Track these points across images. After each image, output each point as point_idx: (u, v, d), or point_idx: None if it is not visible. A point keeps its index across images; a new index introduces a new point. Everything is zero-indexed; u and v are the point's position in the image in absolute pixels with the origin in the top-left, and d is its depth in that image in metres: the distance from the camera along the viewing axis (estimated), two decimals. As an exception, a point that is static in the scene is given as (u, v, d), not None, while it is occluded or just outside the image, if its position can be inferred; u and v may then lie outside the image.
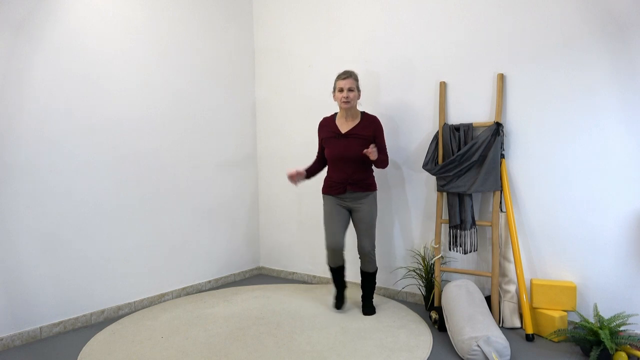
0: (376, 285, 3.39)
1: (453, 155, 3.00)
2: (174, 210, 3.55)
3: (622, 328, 2.46)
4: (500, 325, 2.81)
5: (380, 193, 3.51)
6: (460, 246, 3.01)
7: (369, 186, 2.99)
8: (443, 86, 3.13)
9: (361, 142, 2.93)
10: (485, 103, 3.00)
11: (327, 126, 3.05)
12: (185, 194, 3.64)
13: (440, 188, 3.07)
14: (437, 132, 3.13)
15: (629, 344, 2.28)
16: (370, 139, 2.96)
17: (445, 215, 3.19)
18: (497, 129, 2.84)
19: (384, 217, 3.49)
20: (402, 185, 3.39)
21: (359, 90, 2.98)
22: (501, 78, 2.90)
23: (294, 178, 2.98)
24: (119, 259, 3.20)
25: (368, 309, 3.04)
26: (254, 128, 4.30)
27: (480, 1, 2.99)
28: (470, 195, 2.95)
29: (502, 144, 2.86)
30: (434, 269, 3.13)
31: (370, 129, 2.97)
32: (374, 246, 3.02)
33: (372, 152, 2.76)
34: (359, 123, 2.98)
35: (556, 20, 2.71)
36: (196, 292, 3.71)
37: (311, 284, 3.91)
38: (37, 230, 2.77)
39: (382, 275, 3.53)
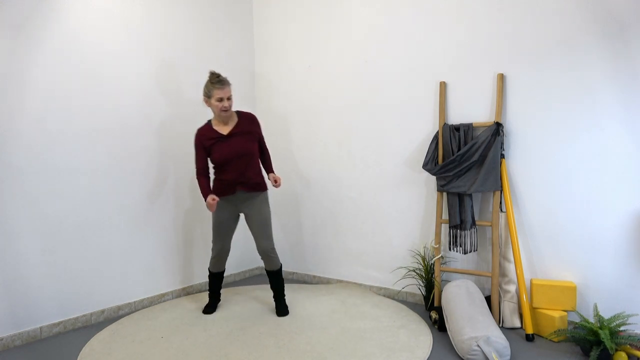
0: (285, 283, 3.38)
1: (453, 155, 3.00)
2: (173, 210, 3.55)
3: (622, 328, 2.46)
4: (500, 325, 2.81)
5: (380, 193, 3.51)
6: (460, 246, 3.01)
7: (260, 185, 3.00)
8: (443, 86, 3.13)
9: (246, 138, 2.94)
10: (485, 103, 3.00)
11: (206, 134, 2.94)
12: (185, 194, 3.64)
13: (440, 188, 3.07)
14: (437, 132, 3.13)
15: (629, 344, 2.28)
16: (255, 135, 2.99)
17: (445, 215, 3.19)
18: (497, 129, 2.84)
19: (384, 217, 3.49)
20: (402, 185, 3.39)
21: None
22: (501, 78, 2.90)
23: (213, 206, 2.86)
24: (119, 259, 3.20)
25: (283, 309, 3.04)
26: (254, 128, 4.30)
27: (480, 1, 2.99)
28: (470, 195, 2.95)
29: (502, 144, 2.86)
30: (434, 269, 3.13)
31: (252, 126, 2.99)
32: (272, 243, 3.02)
33: (279, 180, 2.96)
34: (238, 122, 2.97)
35: (556, 20, 2.71)
36: (196, 292, 3.71)
37: (311, 284, 3.91)
38: (37, 230, 2.77)
39: (382, 276, 3.54)
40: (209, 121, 3.02)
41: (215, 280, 3.17)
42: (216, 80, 2.85)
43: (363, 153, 3.59)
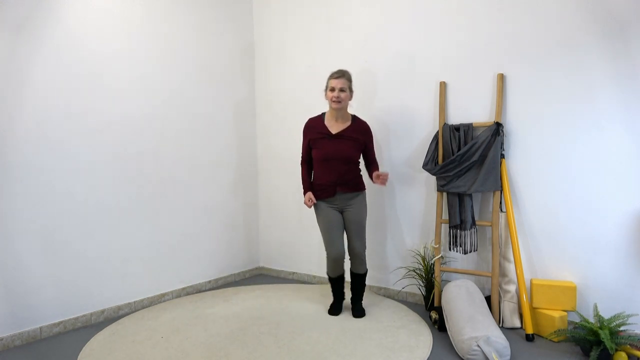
0: (366, 286, 3.35)
1: (453, 155, 3.00)
2: (173, 210, 3.55)
3: (622, 328, 2.46)
4: (500, 325, 2.81)
5: (380, 193, 3.51)
6: (460, 246, 3.00)
7: (358, 185, 2.95)
8: (443, 86, 3.13)
9: (352, 144, 2.89)
10: (485, 103, 3.00)
11: (315, 127, 2.94)
12: (185, 194, 3.64)
13: (440, 188, 3.07)
14: (437, 132, 3.13)
15: (629, 344, 2.28)
16: (362, 143, 2.93)
17: (445, 215, 3.19)
18: (497, 129, 2.84)
19: (384, 217, 3.49)
20: (402, 185, 3.39)
21: (351, 91, 2.90)
22: (501, 78, 2.90)
23: (310, 203, 2.92)
24: (119, 259, 3.19)
25: (359, 311, 3.00)
26: (254, 128, 4.30)
27: (480, 1, 2.99)
28: (470, 195, 2.95)
29: (502, 144, 2.86)
30: (434, 269, 3.13)
31: (362, 134, 2.93)
32: (365, 247, 3.00)
33: (384, 176, 2.80)
34: (350, 125, 2.92)
35: (556, 21, 2.71)
36: (196, 292, 3.71)
37: (311, 284, 3.91)
38: (37, 230, 2.77)
39: (382, 276, 3.53)
40: (323, 114, 2.99)
41: (335, 284, 3.05)
42: (334, 72, 2.88)
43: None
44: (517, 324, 2.77)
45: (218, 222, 3.92)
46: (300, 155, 2.97)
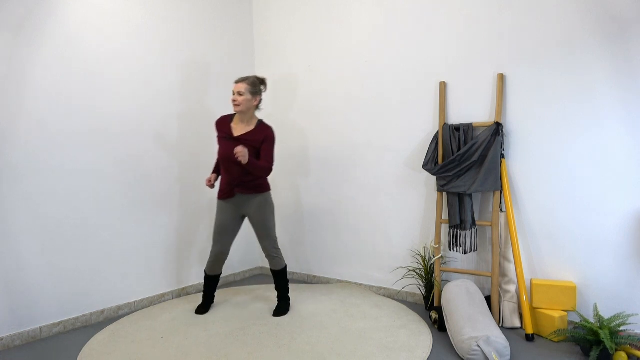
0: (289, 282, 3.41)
1: (453, 155, 3.00)
2: (174, 210, 3.55)
3: (622, 328, 2.46)
4: (500, 325, 2.81)
5: (380, 193, 3.51)
6: (460, 246, 3.01)
7: (258, 187, 2.98)
8: (443, 86, 3.13)
9: (250, 149, 2.91)
10: (485, 103, 3.00)
11: (221, 125, 3.00)
12: (185, 194, 3.64)
13: (440, 188, 3.07)
14: (437, 132, 3.13)
15: (629, 344, 2.28)
16: (259, 146, 2.93)
17: (445, 215, 3.19)
18: (497, 129, 2.84)
19: (384, 217, 3.49)
20: (402, 185, 3.39)
21: (253, 96, 2.90)
22: (501, 78, 2.90)
23: (211, 182, 3.01)
24: (119, 259, 3.20)
25: (283, 309, 3.05)
26: (254, 128, 4.30)
27: (480, 1, 2.99)
28: (470, 195, 2.95)
29: (502, 144, 2.86)
30: (434, 269, 3.13)
31: (261, 136, 2.92)
32: (275, 245, 3.03)
33: (240, 152, 2.64)
34: (252, 130, 2.95)
35: (556, 20, 2.71)
36: (196, 292, 3.71)
37: (311, 284, 3.91)
38: (37, 230, 2.77)
39: (382, 276, 3.54)
40: (234, 114, 3.04)
41: (210, 283, 3.15)
42: (238, 77, 2.93)
43: (363, 153, 3.59)
44: (517, 324, 2.77)
45: (218, 222, 3.92)
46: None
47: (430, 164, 3.09)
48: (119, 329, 2.87)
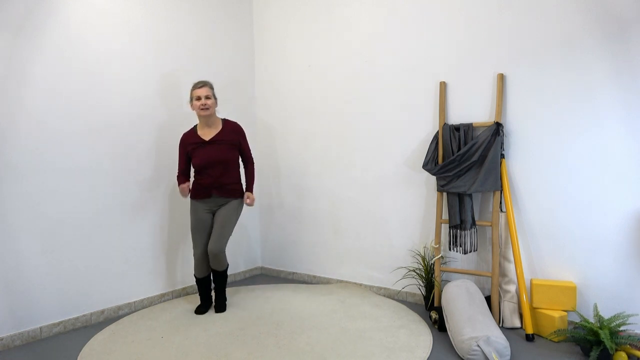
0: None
1: (453, 155, 3.00)
2: (173, 209, 3.55)
3: (622, 328, 2.46)
4: (500, 325, 2.81)
5: (380, 193, 3.51)
6: (460, 246, 3.01)
7: (234, 192, 3.09)
8: (443, 86, 3.13)
9: (226, 146, 3.04)
10: (485, 103, 3.00)
11: (189, 139, 3.07)
12: (185, 194, 3.64)
13: (440, 188, 3.07)
14: (437, 132, 3.13)
15: (629, 344, 2.28)
16: (236, 143, 3.08)
17: (445, 215, 3.19)
18: (497, 129, 2.84)
19: (384, 217, 3.49)
20: (402, 185, 3.39)
21: (215, 98, 3.04)
22: (501, 78, 2.90)
23: (185, 191, 3.04)
24: (119, 259, 3.19)
25: (221, 306, 3.13)
26: (254, 128, 4.30)
27: (480, 1, 2.99)
28: (470, 195, 2.95)
29: (502, 144, 2.86)
30: (434, 269, 3.13)
31: (234, 134, 3.09)
32: (223, 248, 3.05)
33: (252, 201, 3.11)
34: (221, 130, 3.07)
35: (556, 21, 2.71)
36: (196, 292, 3.71)
37: (311, 284, 3.91)
38: (37, 230, 2.77)
39: (382, 276, 3.54)
40: (195, 126, 3.12)
41: (202, 285, 3.17)
42: (196, 83, 3.02)
43: (363, 153, 3.59)
44: (517, 324, 2.77)
45: (218, 222, 3.92)
46: (177, 170, 3.14)
47: (430, 164, 3.09)
48: (119, 329, 2.87)
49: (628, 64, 2.50)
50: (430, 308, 3.09)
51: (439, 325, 2.75)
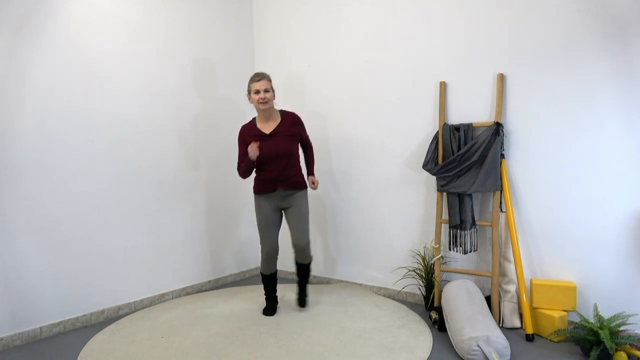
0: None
1: (453, 155, 3.00)
2: (173, 209, 3.55)
3: (622, 328, 2.46)
4: (500, 325, 2.81)
5: (380, 193, 3.51)
6: (460, 246, 3.00)
7: (298, 183, 3.03)
8: (443, 86, 3.13)
9: (287, 138, 2.97)
10: (485, 103, 3.00)
11: (249, 132, 3.00)
12: (185, 194, 3.64)
13: (440, 188, 3.07)
14: (437, 132, 3.13)
15: (629, 344, 2.28)
16: (297, 134, 3.02)
17: (445, 215, 3.19)
18: (497, 129, 2.84)
19: (384, 217, 3.49)
20: (402, 185, 3.39)
21: (273, 91, 2.98)
22: (501, 78, 2.90)
23: (255, 149, 2.83)
24: (119, 259, 3.20)
25: (303, 300, 3.16)
26: (254, 128, 4.30)
27: (480, 1, 2.99)
28: (470, 195, 2.95)
29: (502, 144, 2.86)
30: (434, 269, 3.13)
31: (295, 125, 3.02)
32: (308, 241, 3.06)
33: (317, 184, 3.11)
34: (281, 122, 3.00)
35: (556, 21, 2.71)
36: (196, 292, 3.71)
37: (311, 284, 3.91)
38: (37, 230, 2.77)
39: (382, 276, 3.54)
40: (253, 119, 3.05)
41: (270, 283, 3.13)
42: (254, 75, 2.94)
43: (363, 153, 3.59)
44: (517, 324, 2.77)
45: (218, 222, 3.92)
46: (237, 162, 3.04)
47: (430, 164, 3.09)
48: (119, 329, 2.87)
49: (628, 64, 2.50)
50: (430, 308, 3.09)
51: (439, 325, 2.75)
